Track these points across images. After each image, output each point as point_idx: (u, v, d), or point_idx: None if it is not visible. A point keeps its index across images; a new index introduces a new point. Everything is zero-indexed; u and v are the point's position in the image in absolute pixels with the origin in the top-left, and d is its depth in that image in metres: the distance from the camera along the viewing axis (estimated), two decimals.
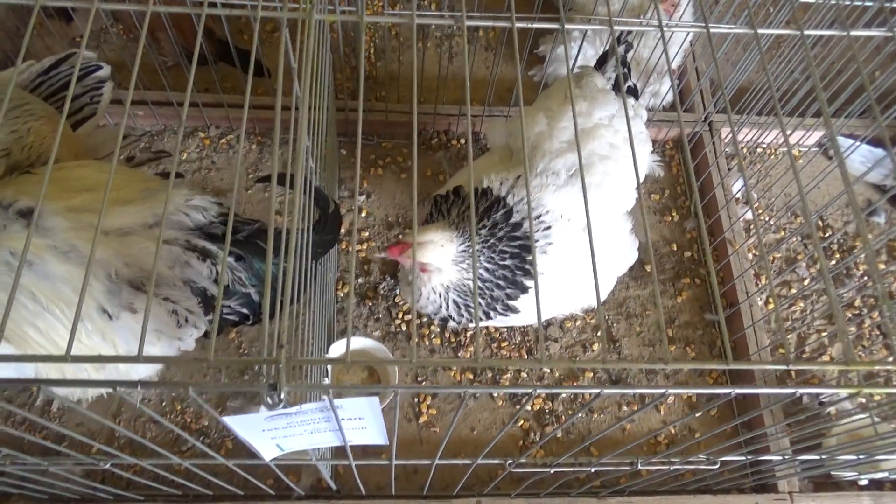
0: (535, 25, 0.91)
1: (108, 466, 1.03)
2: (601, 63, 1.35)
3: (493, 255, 1.22)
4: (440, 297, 1.25)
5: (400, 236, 1.72)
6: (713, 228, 1.79)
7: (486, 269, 1.22)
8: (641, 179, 1.38)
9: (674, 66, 1.86)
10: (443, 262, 1.21)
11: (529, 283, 1.25)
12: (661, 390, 0.72)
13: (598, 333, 1.67)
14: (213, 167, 1.82)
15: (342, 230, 1.40)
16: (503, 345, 1.64)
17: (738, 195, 1.82)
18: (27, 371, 1.10)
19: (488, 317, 1.29)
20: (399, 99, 1.89)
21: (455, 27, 2.05)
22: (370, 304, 1.67)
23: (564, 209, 1.25)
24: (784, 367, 0.67)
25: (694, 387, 0.83)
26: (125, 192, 1.08)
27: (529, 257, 1.23)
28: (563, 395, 1.60)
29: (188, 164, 1.81)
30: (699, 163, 1.87)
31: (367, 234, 1.76)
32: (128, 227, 1.04)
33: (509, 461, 1.07)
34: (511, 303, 1.26)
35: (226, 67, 1.80)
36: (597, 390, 0.72)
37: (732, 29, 1.30)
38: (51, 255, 1.00)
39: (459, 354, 1.63)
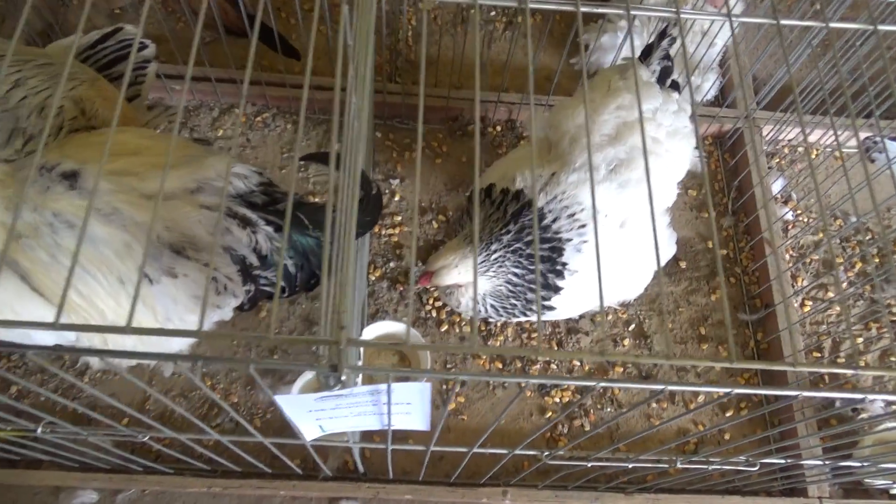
0: (602, 10, 0.89)
1: (145, 439, 1.04)
2: (646, 55, 1.32)
3: (520, 260, 1.20)
4: (477, 303, 1.24)
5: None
6: (750, 227, 1.76)
7: (515, 275, 1.21)
8: (684, 175, 1.36)
9: (716, 61, 1.82)
10: (465, 279, 1.21)
11: (562, 283, 1.24)
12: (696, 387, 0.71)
13: (630, 328, 1.66)
14: (249, 144, 1.82)
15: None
16: (533, 336, 1.63)
17: (778, 195, 1.79)
18: (68, 336, 1.10)
19: (525, 315, 1.28)
20: (436, 83, 1.87)
21: (517, 6, 2.02)
22: (401, 289, 1.66)
23: (601, 205, 1.23)
24: (790, 368, 0.65)
25: (725, 386, 0.82)
26: (167, 158, 1.07)
27: (561, 259, 1.22)
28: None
29: (224, 140, 1.81)
30: (738, 160, 1.84)
31: (399, 218, 1.75)
32: (170, 191, 1.03)
33: (546, 452, 1.06)
34: (545, 303, 1.25)
35: (264, 45, 1.80)
36: (592, 383, 0.71)
37: (754, 19, 1.24)
38: (93, 217, 1.00)
39: (489, 343, 1.62)
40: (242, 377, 1.55)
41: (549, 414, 1.57)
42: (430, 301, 1.65)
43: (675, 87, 1.34)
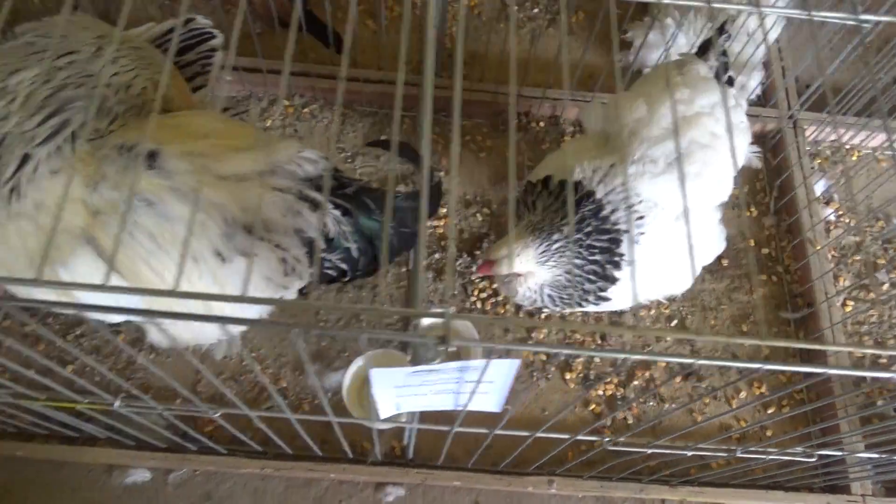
0: (681, 2, 0.90)
1: (216, 416, 1.06)
2: (703, 51, 1.34)
3: (581, 251, 1.22)
4: (535, 293, 1.27)
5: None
6: (793, 227, 1.77)
7: (575, 265, 1.23)
8: (738, 170, 1.38)
9: (762, 59, 1.83)
10: (525, 268, 1.23)
11: (619, 274, 1.25)
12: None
13: (672, 323, 1.67)
14: (296, 135, 1.84)
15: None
16: (574, 331, 1.65)
17: (820, 195, 1.80)
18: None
19: (581, 306, 1.30)
20: (481, 78, 1.90)
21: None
22: (445, 279, 1.68)
23: (659, 198, 1.24)
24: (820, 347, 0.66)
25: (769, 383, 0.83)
26: (240, 141, 1.10)
27: (619, 250, 1.24)
28: (636, 382, 1.60)
29: (272, 131, 1.83)
30: (781, 160, 1.85)
31: (444, 210, 1.77)
32: (244, 173, 1.06)
33: (606, 438, 1.08)
34: (602, 294, 1.27)
35: (315, 39, 1.83)
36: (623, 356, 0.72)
37: (786, 11, 1.23)
38: (171, 196, 1.03)
39: (533, 335, 1.64)
40: (291, 362, 1.58)
41: (593, 406, 1.59)
42: (475, 292, 1.67)
43: (731, 82, 1.36)
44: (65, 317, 1.58)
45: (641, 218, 1.22)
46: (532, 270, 1.21)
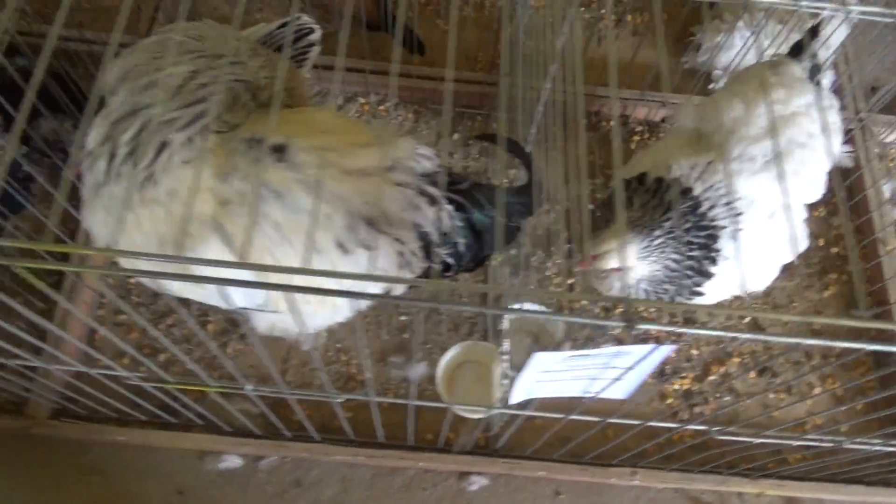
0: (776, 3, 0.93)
1: (340, 400, 1.10)
2: (795, 52, 1.37)
3: (680, 246, 1.25)
4: (631, 288, 1.30)
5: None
6: (863, 228, 1.79)
7: (674, 260, 1.26)
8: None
9: (831, 61, 1.85)
10: (626, 263, 1.26)
11: (714, 269, 1.28)
12: None
13: (745, 321, 1.70)
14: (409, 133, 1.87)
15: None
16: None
17: (890, 196, 1.82)
18: (256, 299, 1.17)
19: (673, 301, 1.33)
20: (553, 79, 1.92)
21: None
22: (521, 274, 1.71)
23: (756, 195, 1.27)
24: None
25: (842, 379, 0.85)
26: (362, 137, 1.13)
27: (715, 245, 1.27)
28: (713, 377, 1.63)
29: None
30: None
31: None
32: (367, 168, 1.09)
33: (715, 428, 1.11)
34: (697, 289, 1.30)
35: (386, 36, 1.86)
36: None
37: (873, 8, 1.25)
38: (299, 189, 1.06)
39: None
40: (374, 353, 1.62)
41: (670, 401, 1.62)
42: (551, 287, 1.70)
43: (818, 84, 1.38)
44: (155, 306, 1.62)
45: (739, 215, 1.25)
46: (631, 266, 1.24)
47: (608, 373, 0.88)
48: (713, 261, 1.25)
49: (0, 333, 0.91)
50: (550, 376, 0.88)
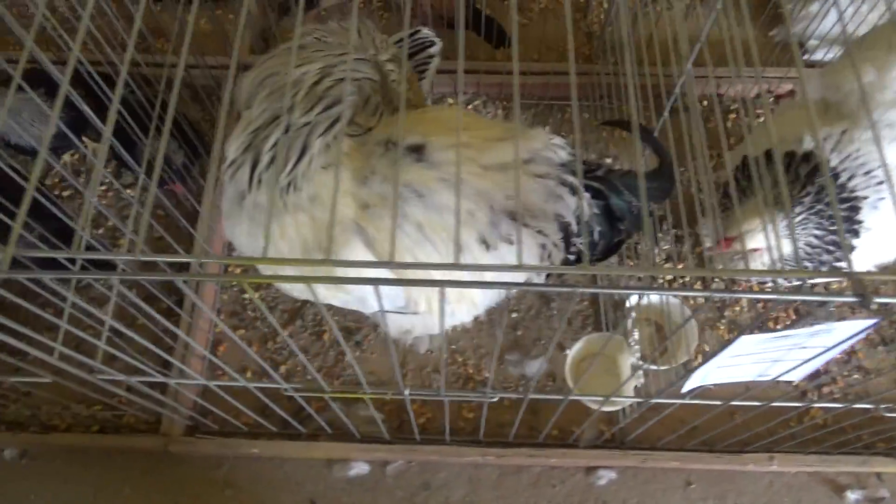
0: None
1: (494, 399, 1.09)
2: None
3: (821, 221, 1.21)
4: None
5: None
6: None
7: (815, 237, 1.22)
8: None
9: None
10: (766, 242, 1.23)
11: (856, 242, 1.24)
12: None
13: None
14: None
15: None
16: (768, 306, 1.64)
17: None
18: (396, 302, 1.17)
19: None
20: (640, 61, 1.89)
21: None
22: (630, 263, 1.69)
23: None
24: None
25: None
26: (495, 132, 1.12)
27: (857, 216, 1.22)
28: (838, 354, 1.58)
29: None
30: None
31: None
32: (506, 162, 1.08)
33: (883, 406, 1.07)
34: (837, 264, 1.26)
35: (469, 34, 1.85)
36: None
37: None
38: (441, 187, 1.06)
39: (725, 314, 1.64)
40: (490, 353, 1.61)
41: (797, 384, 1.57)
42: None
43: None
44: (269, 323, 1.64)
45: (881, 183, 1.21)
46: (772, 245, 1.21)
47: (793, 354, 0.85)
48: (856, 233, 1.21)
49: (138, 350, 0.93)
50: (736, 360, 0.85)
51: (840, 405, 1.11)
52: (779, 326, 1.64)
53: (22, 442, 1.47)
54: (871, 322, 0.75)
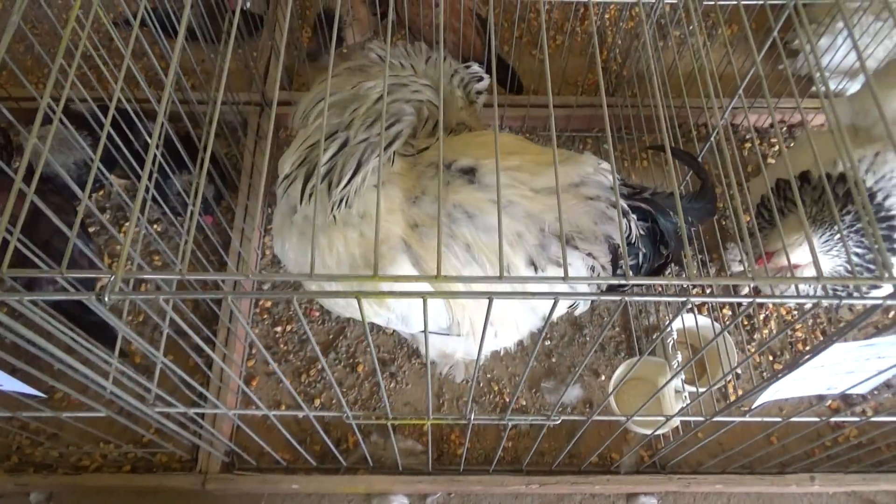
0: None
1: (558, 422, 1.09)
2: None
3: (861, 240, 1.25)
4: (809, 286, 1.29)
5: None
6: None
7: (857, 255, 1.25)
8: None
9: None
10: (806, 258, 1.26)
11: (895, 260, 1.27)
12: None
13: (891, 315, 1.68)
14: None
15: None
16: (797, 326, 1.67)
17: None
18: (440, 323, 1.17)
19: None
20: (653, 95, 1.95)
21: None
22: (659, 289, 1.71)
23: None
24: None
25: None
26: (545, 157, 1.15)
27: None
28: None
29: None
30: None
31: None
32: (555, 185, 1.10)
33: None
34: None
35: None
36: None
37: None
38: (492, 209, 1.07)
39: (755, 337, 1.66)
40: (527, 381, 1.60)
41: (829, 402, 1.59)
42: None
43: None
44: (303, 353, 1.62)
45: None
46: (812, 261, 1.23)
47: (868, 365, 0.87)
48: (895, 252, 1.24)
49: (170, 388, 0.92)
50: (816, 372, 0.86)
51: (893, 419, 1.12)
52: (807, 348, 1.66)
53: (51, 484, 1.43)
54: None
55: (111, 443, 1.44)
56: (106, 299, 0.61)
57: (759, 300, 0.69)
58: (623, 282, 0.66)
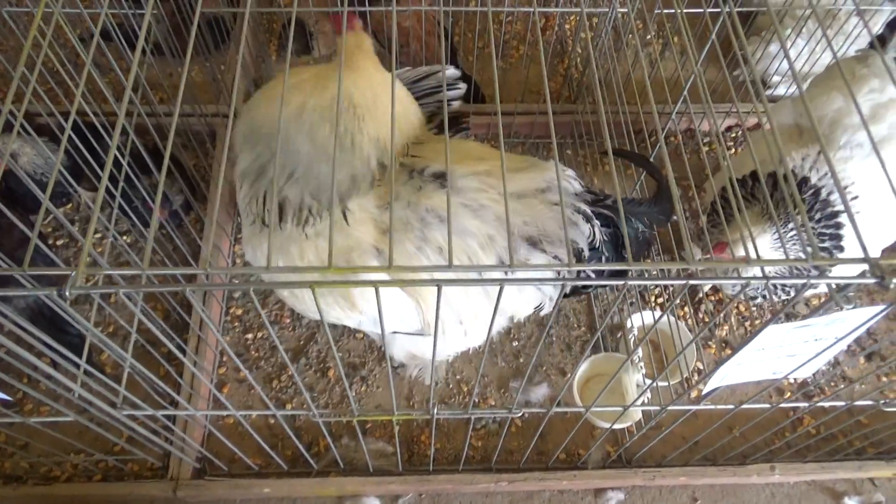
0: None
1: (520, 414, 1.12)
2: (881, 43, 1.44)
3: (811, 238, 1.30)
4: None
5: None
6: None
7: (805, 253, 1.31)
8: None
9: None
10: (760, 252, 1.30)
11: (842, 256, 1.33)
12: None
13: None
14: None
15: None
16: (755, 322, 1.72)
17: None
18: (413, 325, 1.20)
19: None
20: (612, 102, 2.01)
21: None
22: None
23: (870, 178, 1.33)
24: None
25: None
26: (513, 163, 1.19)
27: (840, 232, 1.32)
28: (822, 367, 1.66)
29: None
30: None
31: None
32: (523, 190, 1.14)
33: (882, 401, 1.13)
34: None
35: None
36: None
37: None
38: (464, 212, 1.11)
39: (715, 333, 1.71)
40: (494, 381, 1.64)
41: (787, 394, 1.64)
42: (652, 298, 1.74)
43: None
44: (274, 359, 1.64)
45: (856, 198, 1.30)
46: (762, 255, 1.29)
47: (807, 348, 0.91)
48: (841, 249, 1.30)
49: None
50: (757, 355, 0.91)
51: (842, 403, 1.17)
52: None
53: (21, 496, 1.42)
54: (882, 307, 0.81)
55: (82, 452, 1.44)
56: (67, 294, 0.63)
57: (692, 282, 0.73)
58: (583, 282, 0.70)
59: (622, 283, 0.78)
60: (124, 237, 1.76)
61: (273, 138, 1.11)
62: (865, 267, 0.72)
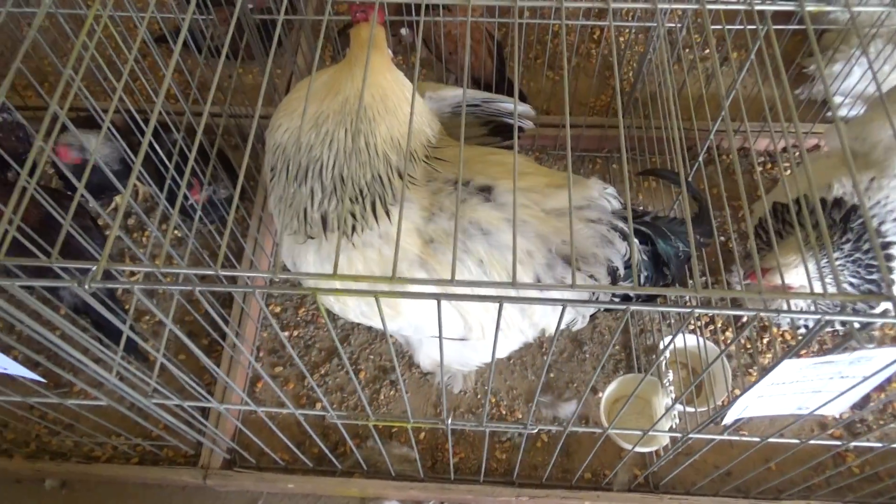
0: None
1: (534, 430, 1.11)
2: None
3: (858, 270, 1.24)
4: (808, 305, 1.29)
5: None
6: None
7: (851, 284, 1.25)
8: None
9: None
10: (800, 281, 1.26)
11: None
12: None
13: None
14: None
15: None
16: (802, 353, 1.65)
17: None
18: (457, 331, 1.21)
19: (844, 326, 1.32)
20: (664, 117, 1.96)
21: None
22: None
23: None
24: None
25: None
26: (556, 179, 1.18)
27: (891, 264, 1.25)
28: (873, 404, 1.58)
29: None
30: None
31: None
32: (564, 208, 1.13)
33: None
34: (872, 312, 1.28)
35: None
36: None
37: None
38: (506, 227, 1.11)
39: (757, 360, 1.65)
40: (523, 394, 1.63)
41: (832, 430, 1.57)
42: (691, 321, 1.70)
43: None
44: (308, 357, 1.67)
45: None
46: (804, 285, 1.24)
47: (833, 384, 0.88)
48: (893, 282, 1.24)
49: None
50: (777, 389, 0.87)
51: (879, 444, 1.11)
52: None
53: (64, 471, 1.50)
54: None
55: (122, 436, 1.51)
56: (86, 287, 0.67)
57: (762, 313, 0.71)
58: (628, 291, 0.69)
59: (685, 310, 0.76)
60: (176, 231, 1.83)
61: (299, 155, 1.14)
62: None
